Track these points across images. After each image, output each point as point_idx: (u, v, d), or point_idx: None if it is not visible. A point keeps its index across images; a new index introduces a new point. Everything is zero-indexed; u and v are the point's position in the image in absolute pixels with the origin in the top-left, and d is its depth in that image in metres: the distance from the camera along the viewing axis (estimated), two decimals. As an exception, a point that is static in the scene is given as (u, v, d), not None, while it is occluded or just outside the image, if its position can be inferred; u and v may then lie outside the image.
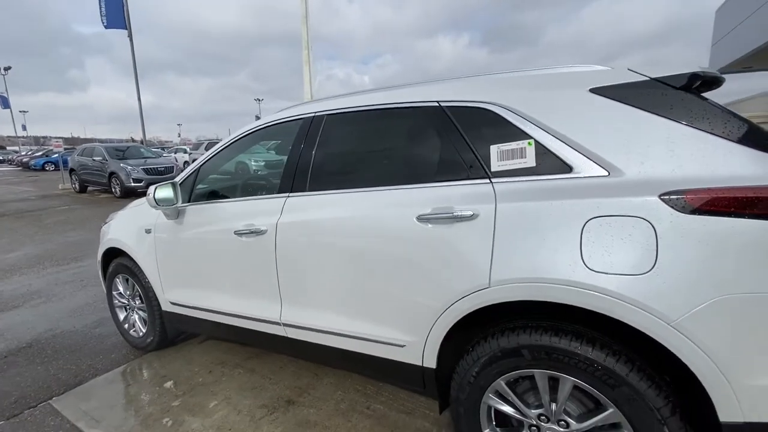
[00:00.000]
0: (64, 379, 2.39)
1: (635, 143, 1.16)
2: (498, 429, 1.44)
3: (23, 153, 32.21)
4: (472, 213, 1.33)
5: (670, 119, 1.15)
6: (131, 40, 15.17)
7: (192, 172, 2.32)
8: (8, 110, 37.91)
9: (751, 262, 0.98)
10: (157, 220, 2.38)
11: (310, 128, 1.89)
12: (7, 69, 37.47)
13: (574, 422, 1.26)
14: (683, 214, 1.04)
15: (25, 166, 26.59)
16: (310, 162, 1.84)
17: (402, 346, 1.55)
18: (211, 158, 2.31)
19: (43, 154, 26.48)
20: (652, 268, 1.06)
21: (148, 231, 2.43)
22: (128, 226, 2.62)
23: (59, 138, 16.48)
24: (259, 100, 55.19)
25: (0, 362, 2.60)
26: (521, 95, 1.38)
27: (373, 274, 1.58)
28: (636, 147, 1.16)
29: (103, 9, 14.52)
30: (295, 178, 1.86)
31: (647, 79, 1.22)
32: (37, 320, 3.23)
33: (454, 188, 1.41)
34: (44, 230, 6.86)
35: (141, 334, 2.69)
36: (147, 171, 10.82)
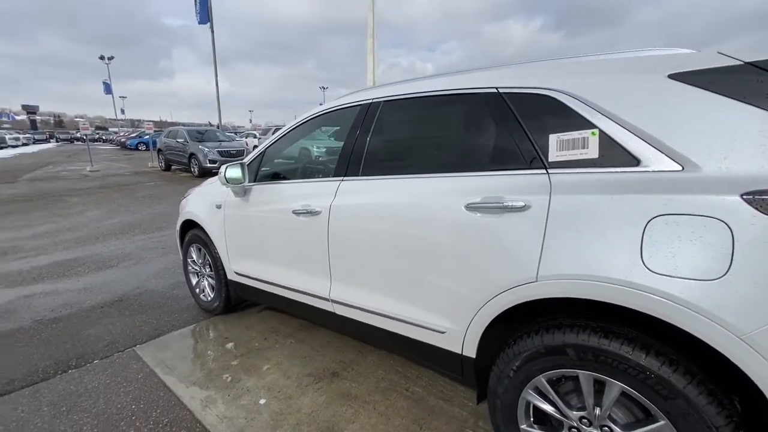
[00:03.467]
0: (146, 331, 2.76)
1: (719, 136, 1.04)
2: (535, 426, 1.40)
3: (121, 134, 36.55)
4: (523, 204, 1.29)
5: (765, 110, 1.01)
6: (212, 32, 16.52)
7: (258, 155, 2.50)
8: (110, 96, 43.27)
9: None
10: (227, 197, 2.61)
11: (366, 114, 1.94)
12: (110, 59, 42.67)
13: (619, 430, 1.19)
14: (769, 217, 0.92)
15: (123, 146, 30.17)
16: (365, 147, 1.89)
17: (442, 332, 1.57)
18: (274, 142, 2.47)
19: (137, 136, 29.82)
20: (725, 274, 0.95)
21: (218, 206, 2.68)
22: (202, 201, 2.91)
23: (150, 121, 18.56)
24: (324, 88, 56.91)
25: (98, 311, 3.06)
26: (587, 81, 1.29)
27: (418, 259, 1.61)
28: (719, 140, 1.04)
29: (198, 7, 16.28)
30: (350, 162, 1.93)
31: (740, 63, 1.08)
32: (128, 279, 3.74)
33: (506, 178, 1.38)
34: (136, 202, 7.81)
35: (209, 298, 3.00)
36: (221, 153, 11.75)
